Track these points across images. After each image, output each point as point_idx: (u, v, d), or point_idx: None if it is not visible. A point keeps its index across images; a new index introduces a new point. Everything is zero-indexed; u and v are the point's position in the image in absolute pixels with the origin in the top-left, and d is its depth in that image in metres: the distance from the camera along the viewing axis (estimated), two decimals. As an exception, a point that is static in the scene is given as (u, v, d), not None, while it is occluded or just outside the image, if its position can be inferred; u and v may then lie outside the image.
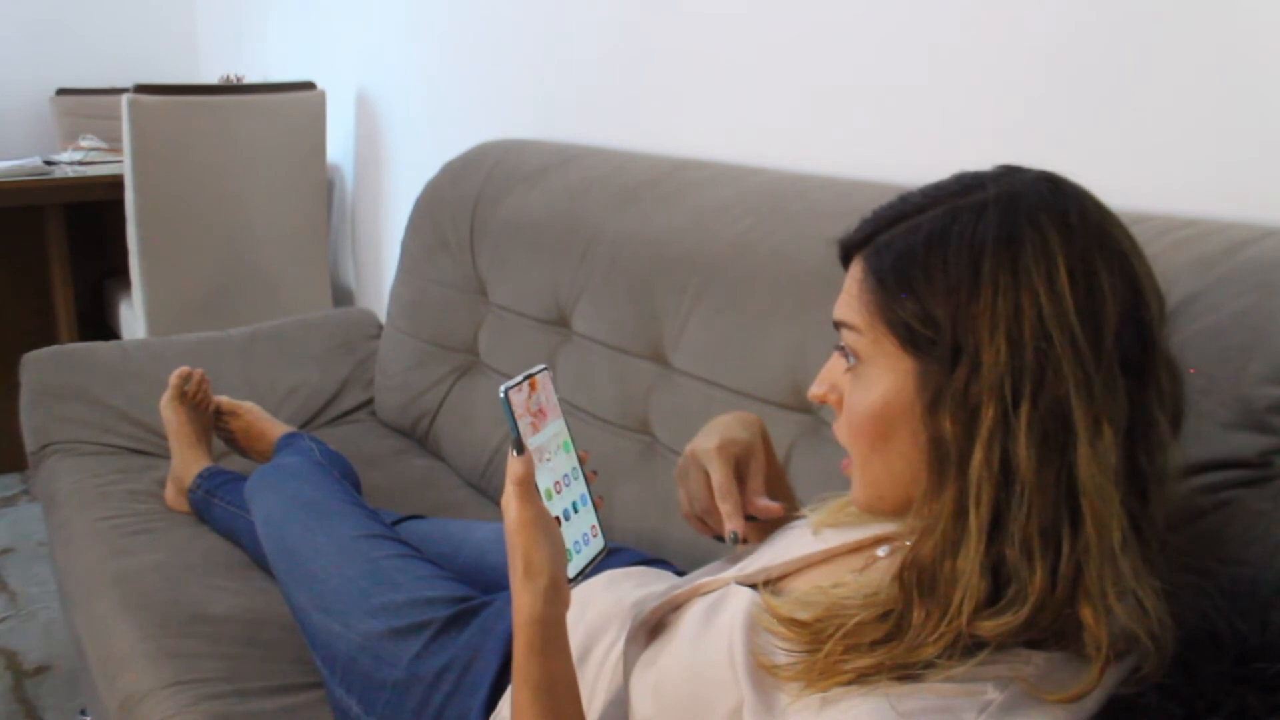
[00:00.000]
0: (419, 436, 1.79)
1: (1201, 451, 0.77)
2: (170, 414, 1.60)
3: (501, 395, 0.75)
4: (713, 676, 0.73)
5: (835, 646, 0.64)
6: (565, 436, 0.81)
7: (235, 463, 1.62)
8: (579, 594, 0.94)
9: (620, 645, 0.85)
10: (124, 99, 2.32)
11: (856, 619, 0.64)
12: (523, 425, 0.75)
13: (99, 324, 2.92)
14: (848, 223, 1.15)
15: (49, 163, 2.77)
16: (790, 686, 0.66)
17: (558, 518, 0.77)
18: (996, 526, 0.60)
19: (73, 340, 2.65)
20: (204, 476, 1.52)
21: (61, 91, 3.32)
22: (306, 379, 1.89)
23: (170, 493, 1.56)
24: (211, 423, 1.64)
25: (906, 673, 0.61)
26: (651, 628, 0.84)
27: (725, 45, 1.53)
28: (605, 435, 1.39)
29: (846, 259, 0.72)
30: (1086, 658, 0.60)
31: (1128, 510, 0.60)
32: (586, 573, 0.80)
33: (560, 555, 0.75)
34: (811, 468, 1.10)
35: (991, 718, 0.58)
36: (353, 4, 2.58)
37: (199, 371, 1.62)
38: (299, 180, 2.59)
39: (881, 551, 0.75)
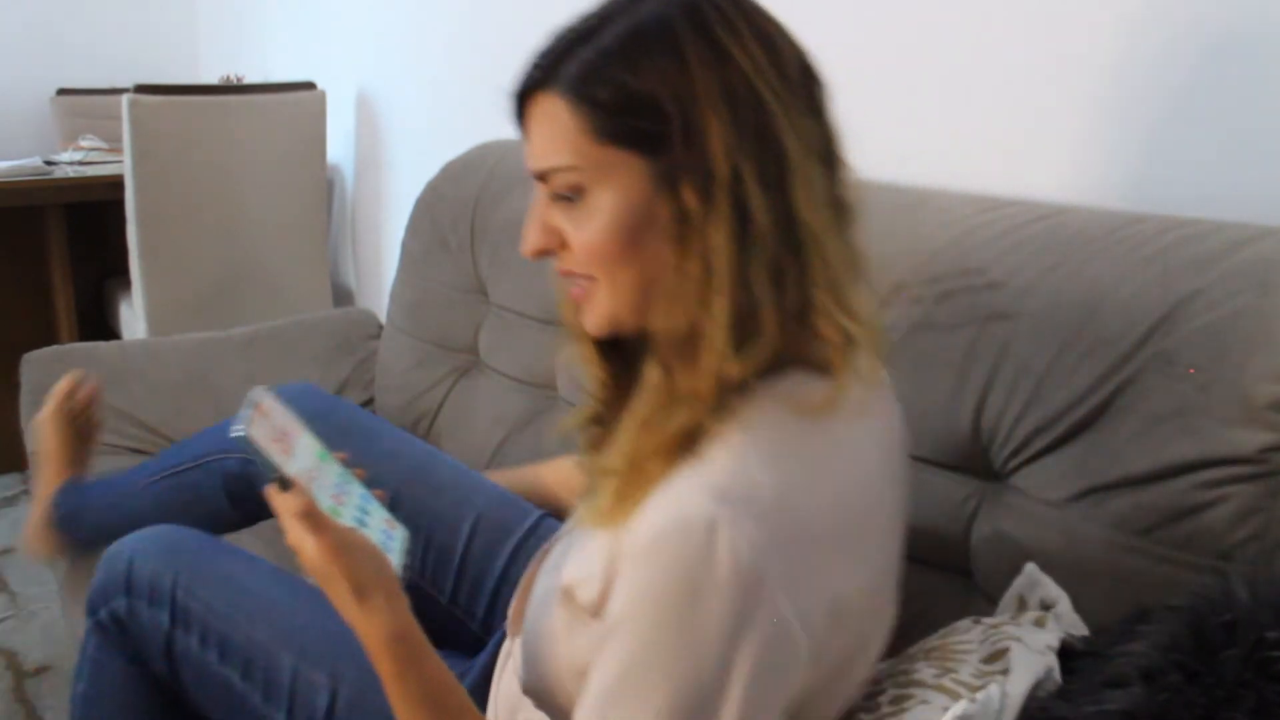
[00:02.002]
0: (419, 436, 1.79)
1: (1201, 448, 0.77)
2: (49, 432, 1.32)
3: (240, 436, 0.69)
4: (544, 603, 0.73)
5: (638, 462, 0.66)
6: (317, 446, 0.77)
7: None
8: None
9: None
10: (124, 99, 2.32)
11: (646, 433, 0.67)
12: (275, 457, 0.71)
13: (99, 324, 2.92)
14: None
15: (49, 163, 2.77)
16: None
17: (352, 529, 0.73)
18: (740, 277, 0.65)
19: (73, 340, 2.65)
20: (63, 492, 1.27)
21: (61, 91, 3.32)
22: (306, 379, 1.90)
23: (33, 530, 1.30)
24: (97, 445, 1.40)
25: (694, 445, 0.65)
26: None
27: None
28: (605, 434, 1.39)
29: (522, 108, 0.71)
30: (830, 372, 0.67)
31: (839, 233, 0.69)
32: (409, 566, 0.77)
33: (383, 561, 0.73)
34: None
35: (745, 443, 0.64)
36: (353, 4, 2.58)
37: (92, 382, 1.36)
38: (299, 180, 2.59)
39: None
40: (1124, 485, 0.82)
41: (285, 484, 0.71)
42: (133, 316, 2.56)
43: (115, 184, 2.46)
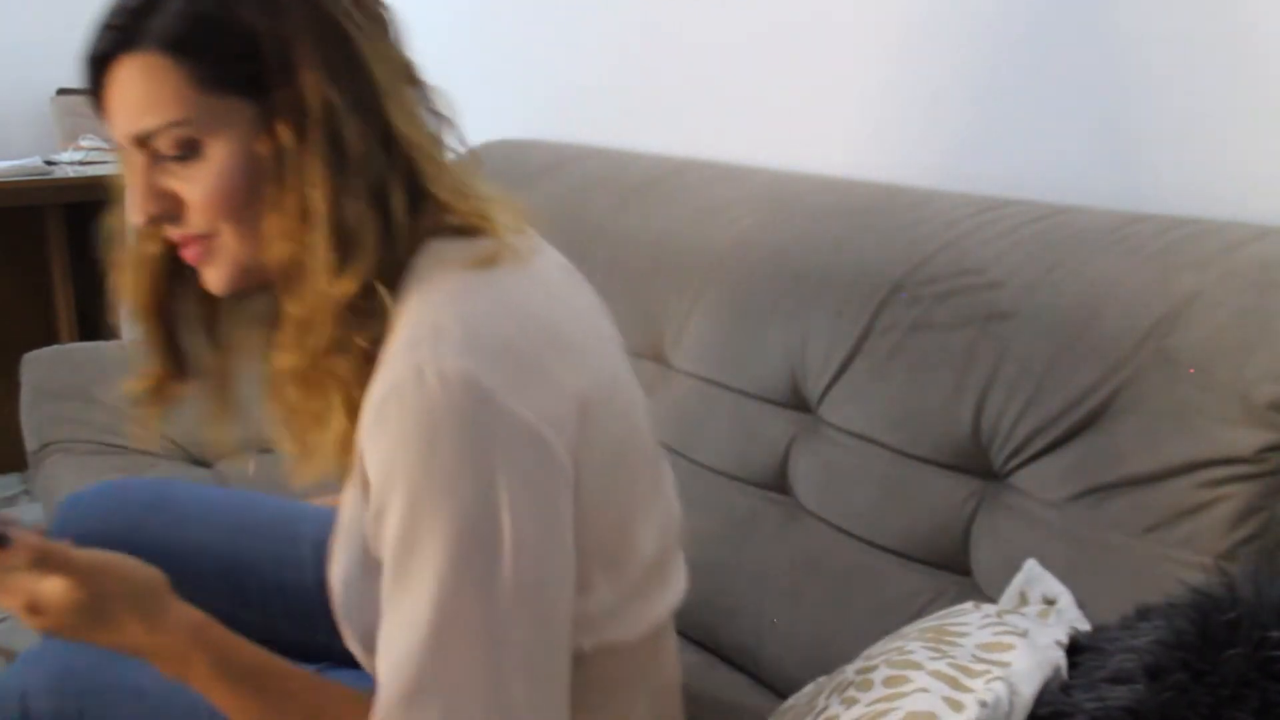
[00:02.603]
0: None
1: (1200, 447, 0.78)
2: None
3: None
4: (350, 582, 0.73)
5: (303, 400, 0.70)
6: None
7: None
8: None
9: None
10: (124, 99, 2.32)
11: (294, 370, 0.69)
12: None
13: (99, 324, 2.92)
14: (847, 223, 1.16)
15: (49, 163, 2.76)
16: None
17: None
18: (337, 203, 0.67)
19: (73, 340, 2.65)
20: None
21: (61, 91, 3.31)
22: (306, 379, 1.89)
23: None
24: None
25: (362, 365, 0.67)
26: None
27: (726, 46, 1.53)
28: (605, 435, 1.39)
29: (99, 76, 0.69)
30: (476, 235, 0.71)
31: (444, 138, 0.74)
32: None
33: (144, 565, 0.72)
34: (810, 466, 1.10)
35: (416, 305, 0.66)
36: (353, 5, 2.58)
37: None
38: (299, 181, 2.59)
39: None
40: (1124, 485, 0.82)
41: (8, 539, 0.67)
42: (132, 316, 2.56)
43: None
